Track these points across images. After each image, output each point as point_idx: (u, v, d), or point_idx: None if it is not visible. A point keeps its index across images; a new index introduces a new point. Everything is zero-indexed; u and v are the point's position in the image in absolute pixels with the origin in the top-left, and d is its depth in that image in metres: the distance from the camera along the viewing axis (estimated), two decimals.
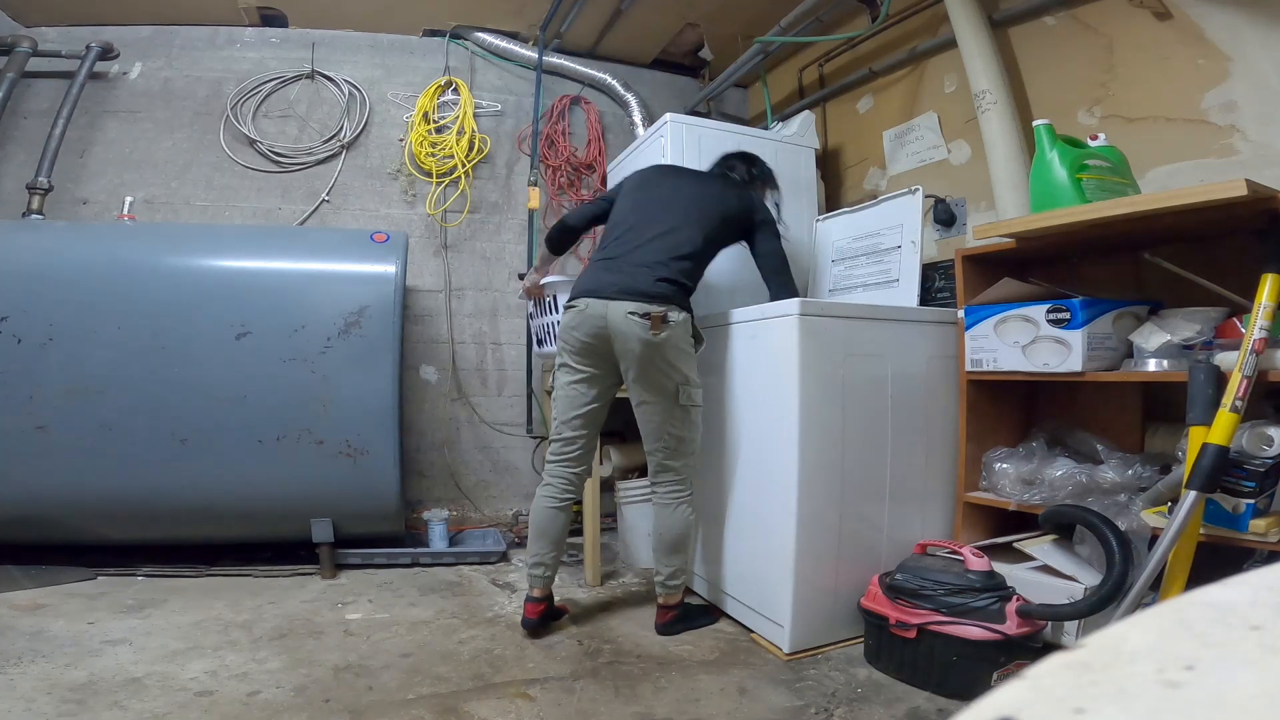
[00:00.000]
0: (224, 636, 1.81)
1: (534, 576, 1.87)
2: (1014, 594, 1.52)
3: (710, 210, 1.95)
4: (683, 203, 1.95)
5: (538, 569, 1.87)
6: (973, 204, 2.44)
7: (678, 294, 1.81)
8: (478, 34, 3.31)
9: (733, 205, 1.99)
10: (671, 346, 1.78)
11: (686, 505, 1.89)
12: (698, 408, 1.87)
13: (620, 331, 1.77)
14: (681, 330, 1.80)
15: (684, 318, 1.81)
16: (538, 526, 1.90)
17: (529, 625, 1.85)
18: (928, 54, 2.62)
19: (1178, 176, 1.81)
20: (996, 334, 1.78)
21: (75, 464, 2.18)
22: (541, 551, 1.88)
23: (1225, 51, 1.73)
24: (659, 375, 1.79)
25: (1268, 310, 1.30)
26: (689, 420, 1.85)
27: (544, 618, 1.88)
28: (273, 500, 2.31)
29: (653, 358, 1.77)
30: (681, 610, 1.91)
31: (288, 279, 2.37)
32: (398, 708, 1.45)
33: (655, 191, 2.00)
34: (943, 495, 1.94)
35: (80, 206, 2.86)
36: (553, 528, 1.89)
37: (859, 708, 1.47)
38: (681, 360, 1.81)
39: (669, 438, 1.84)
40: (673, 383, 1.81)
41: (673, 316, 1.77)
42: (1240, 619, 0.26)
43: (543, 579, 1.87)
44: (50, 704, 1.41)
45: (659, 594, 1.91)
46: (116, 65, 2.96)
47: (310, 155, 3.09)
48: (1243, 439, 1.35)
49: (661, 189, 2.01)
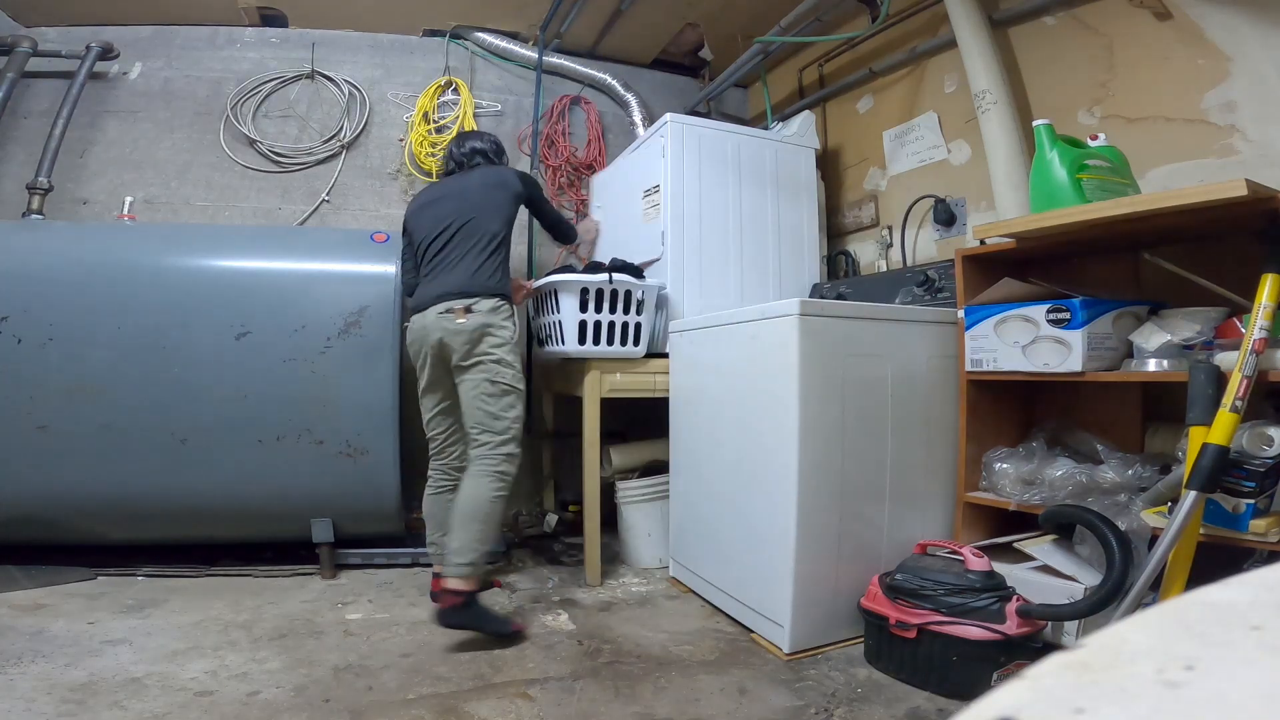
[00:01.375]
0: (224, 636, 1.81)
1: (432, 557, 2.12)
2: (1014, 594, 1.52)
3: (495, 196, 2.10)
4: (467, 201, 2.09)
5: (432, 548, 2.11)
6: (973, 204, 2.44)
7: (484, 284, 1.98)
8: (478, 34, 3.31)
9: (511, 181, 2.14)
10: (478, 330, 1.94)
11: (493, 480, 1.91)
12: (511, 389, 1.97)
13: (436, 331, 1.97)
14: (489, 315, 1.95)
15: (493, 304, 1.97)
16: (427, 513, 2.14)
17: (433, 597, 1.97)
18: (928, 54, 2.62)
19: (1178, 176, 1.81)
20: (996, 334, 1.78)
21: (75, 464, 2.18)
22: (431, 533, 2.11)
23: (1225, 51, 1.73)
24: (472, 358, 1.95)
25: (1268, 310, 1.30)
26: (501, 399, 1.95)
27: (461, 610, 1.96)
28: (273, 500, 2.31)
29: (464, 343, 1.94)
30: (471, 602, 1.80)
31: (288, 279, 2.37)
32: (398, 708, 1.45)
33: (438, 205, 2.12)
34: (943, 495, 1.94)
35: (80, 206, 2.86)
36: (437, 512, 2.10)
37: (859, 708, 1.47)
38: (490, 342, 1.95)
39: (482, 414, 1.95)
40: (484, 363, 1.95)
41: (478, 306, 1.95)
42: (1240, 619, 0.26)
43: (438, 557, 2.05)
44: (50, 704, 1.41)
45: (445, 571, 1.83)
46: (116, 65, 2.96)
47: (310, 155, 3.09)
48: (1243, 439, 1.35)
49: (443, 200, 2.13)
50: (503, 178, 2.15)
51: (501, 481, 1.94)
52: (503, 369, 1.96)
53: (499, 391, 1.95)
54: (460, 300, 1.95)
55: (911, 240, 2.68)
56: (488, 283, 1.99)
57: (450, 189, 2.15)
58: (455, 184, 2.16)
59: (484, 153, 2.24)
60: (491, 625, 1.82)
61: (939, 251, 2.56)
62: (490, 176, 2.15)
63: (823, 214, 2.88)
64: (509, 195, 2.12)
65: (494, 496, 1.91)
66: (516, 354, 2.01)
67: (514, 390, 1.98)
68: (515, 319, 2.05)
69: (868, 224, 2.90)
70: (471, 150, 2.23)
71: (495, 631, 1.81)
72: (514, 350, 2.00)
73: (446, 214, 2.07)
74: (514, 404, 1.98)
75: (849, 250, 2.99)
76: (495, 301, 1.98)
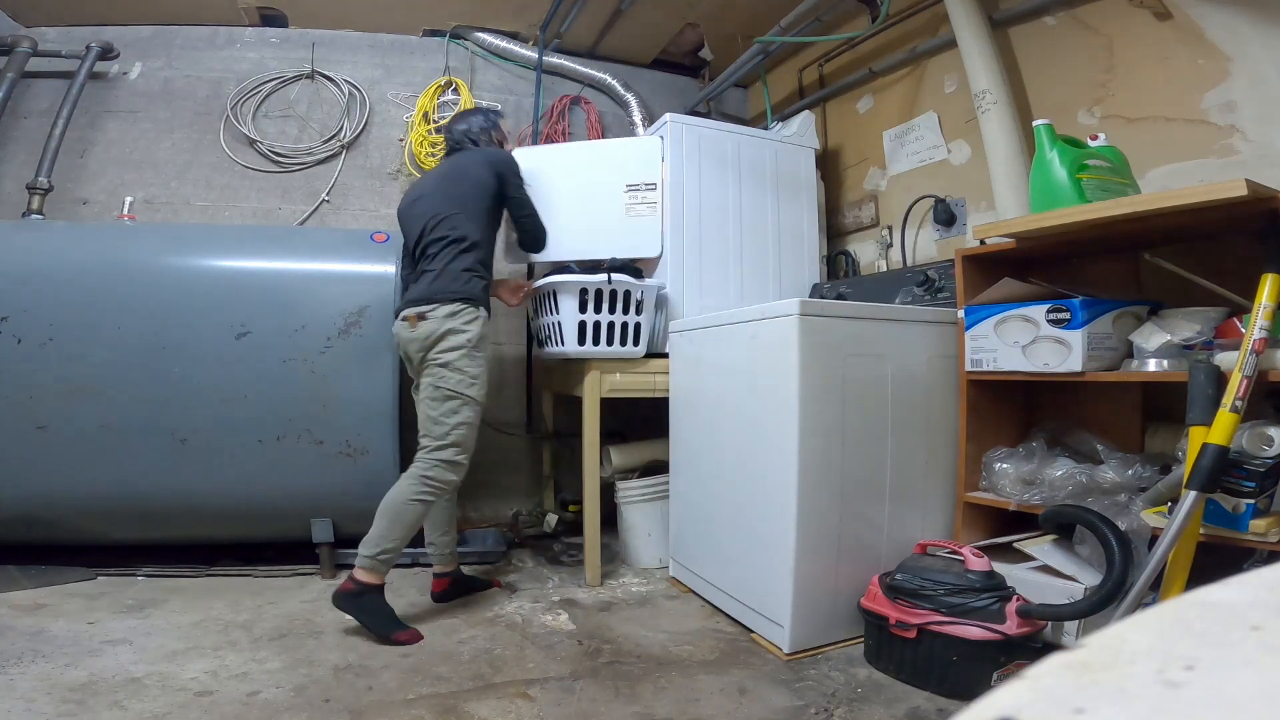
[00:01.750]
0: (224, 636, 1.81)
1: (431, 556, 2.15)
2: (1014, 594, 1.52)
3: (465, 190, 2.05)
4: (441, 197, 2.05)
5: (430, 548, 2.14)
6: (973, 204, 2.44)
7: (444, 289, 1.94)
8: (478, 34, 3.31)
9: (481, 172, 2.07)
10: (430, 336, 1.92)
11: (416, 482, 1.88)
12: (455, 395, 1.91)
13: (399, 340, 2.02)
14: (444, 321, 1.91)
15: (451, 309, 1.92)
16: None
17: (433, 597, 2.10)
18: (928, 54, 2.62)
19: (1178, 176, 1.81)
20: (996, 334, 1.78)
21: (75, 464, 2.18)
22: (429, 533, 2.13)
23: (1225, 51, 1.73)
24: (422, 364, 1.96)
25: (1268, 310, 1.30)
26: (442, 404, 1.91)
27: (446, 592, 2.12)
28: (273, 500, 2.31)
29: (417, 350, 1.95)
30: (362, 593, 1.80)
31: (288, 279, 2.37)
32: (398, 708, 1.45)
33: (420, 204, 2.10)
34: (943, 495, 1.94)
35: (80, 206, 2.86)
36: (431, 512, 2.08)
37: (859, 708, 1.47)
38: (441, 346, 1.91)
39: (424, 417, 1.95)
40: (431, 367, 1.93)
41: (433, 313, 1.92)
42: (1240, 619, 0.26)
43: (437, 557, 2.12)
44: (50, 704, 1.41)
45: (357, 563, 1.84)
46: (116, 65, 2.96)
47: (310, 155, 3.09)
48: (1243, 439, 1.35)
49: (423, 197, 2.10)
50: (473, 169, 2.09)
51: (426, 486, 1.89)
52: (448, 374, 1.91)
53: (441, 396, 1.91)
54: (416, 308, 1.94)
55: (911, 240, 2.68)
56: (450, 287, 1.95)
57: (429, 184, 2.14)
58: (434, 176, 2.16)
59: (469, 134, 2.19)
60: (374, 624, 1.80)
61: (939, 251, 2.56)
62: (464, 166, 2.10)
63: (823, 214, 2.88)
64: (479, 189, 2.06)
65: (410, 498, 1.88)
66: (473, 359, 1.94)
67: (458, 396, 1.91)
68: (480, 322, 1.97)
69: (868, 224, 2.90)
70: (460, 133, 2.21)
71: (376, 631, 1.79)
72: (469, 355, 1.93)
73: (424, 213, 2.05)
74: (456, 410, 1.91)
75: (849, 250, 2.99)
76: (454, 306, 1.93)
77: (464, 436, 1.93)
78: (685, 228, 2.51)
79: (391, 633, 1.79)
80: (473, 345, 1.94)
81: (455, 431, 1.92)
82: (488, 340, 2.02)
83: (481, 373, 1.97)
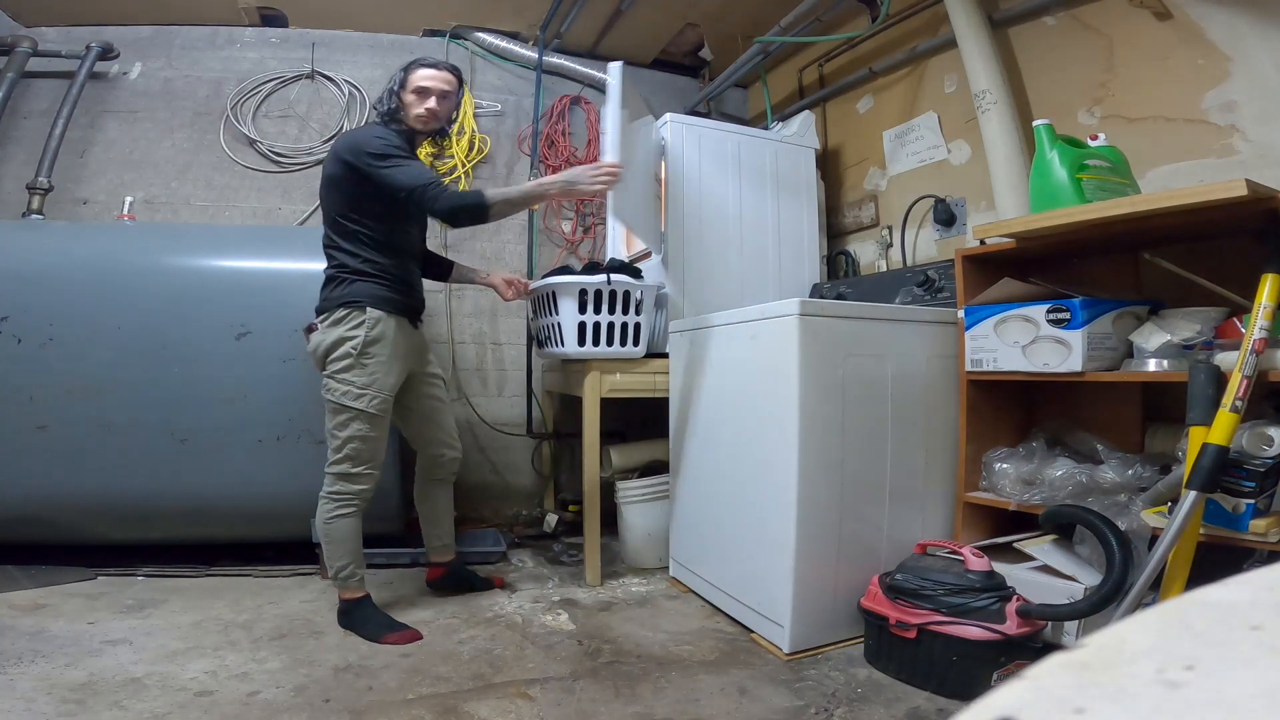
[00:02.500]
0: (224, 636, 1.81)
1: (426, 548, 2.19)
2: (1014, 594, 1.52)
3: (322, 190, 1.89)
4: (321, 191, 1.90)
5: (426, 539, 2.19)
6: (973, 204, 2.44)
7: (324, 298, 1.86)
8: (478, 34, 3.31)
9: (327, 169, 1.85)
10: (319, 348, 1.84)
11: (325, 501, 1.86)
12: (340, 408, 1.81)
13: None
14: (327, 331, 1.82)
15: (336, 316, 1.81)
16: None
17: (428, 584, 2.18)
18: (928, 54, 2.62)
19: (1178, 176, 1.81)
20: (996, 334, 1.78)
21: (75, 464, 2.18)
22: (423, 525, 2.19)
23: (1225, 51, 1.73)
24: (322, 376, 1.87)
25: (1268, 310, 1.30)
26: (332, 417, 1.84)
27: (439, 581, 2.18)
28: (273, 500, 2.31)
29: (316, 365, 1.88)
30: (347, 609, 1.87)
31: (288, 279, 2.37)
32: (398, 708, 1.45)
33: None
34: (943, 495, 1.94)
35: (80, 206, 2.86)
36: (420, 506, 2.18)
37: (859, 708, 1.47)
38: (325, 359, 1.83)
39: (326, 433, 1.87)
40: (322, 379, 1.85)
41: (321, 322, 1.85)
42: (1240, 619, 0.26)
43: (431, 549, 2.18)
44: (50, 704, 1.41)
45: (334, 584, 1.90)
46: (116, 65, 2.96)
47: (310, 155, 3.09)
48: (1243, 439, 1.35)
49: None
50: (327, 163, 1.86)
51: (333, 502, 1.84)
52: (333, 383, 1.81)
53: (329, 409, 1.84)
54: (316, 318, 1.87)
55: (911, 240, 2.68)
56: (328, 294, 1.85)
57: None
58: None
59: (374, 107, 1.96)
60: (365, 632, 1.82)
61: (939, 251, 2.56)
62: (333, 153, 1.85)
63: (823, 214, 2.88)
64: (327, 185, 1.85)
65: (326, 519, 1.85)
66: (362, 364, 1.80)
67: (344, 409, 1.80)
68: (367, 325, 1.80)
69: (868, 224, 2.90)
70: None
71: (367, 639, 1.81)
72: (355, 363, 1.80)
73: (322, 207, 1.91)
74: (345, 423, 1.81)
75: (849, 250, 2.99)
76: (339, 313, 1.81)
77: (358, 450, 1.83)
78: (685, 227, 2.51)
79: (380, 635, 1.80)
80: (359, 352, 1.79)
81: (348, 446, 1.82)
82: (385, 342, 1.83)
83: (374, 381, 1.81)
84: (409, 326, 1.96)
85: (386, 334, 1.84)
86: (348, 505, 1.86)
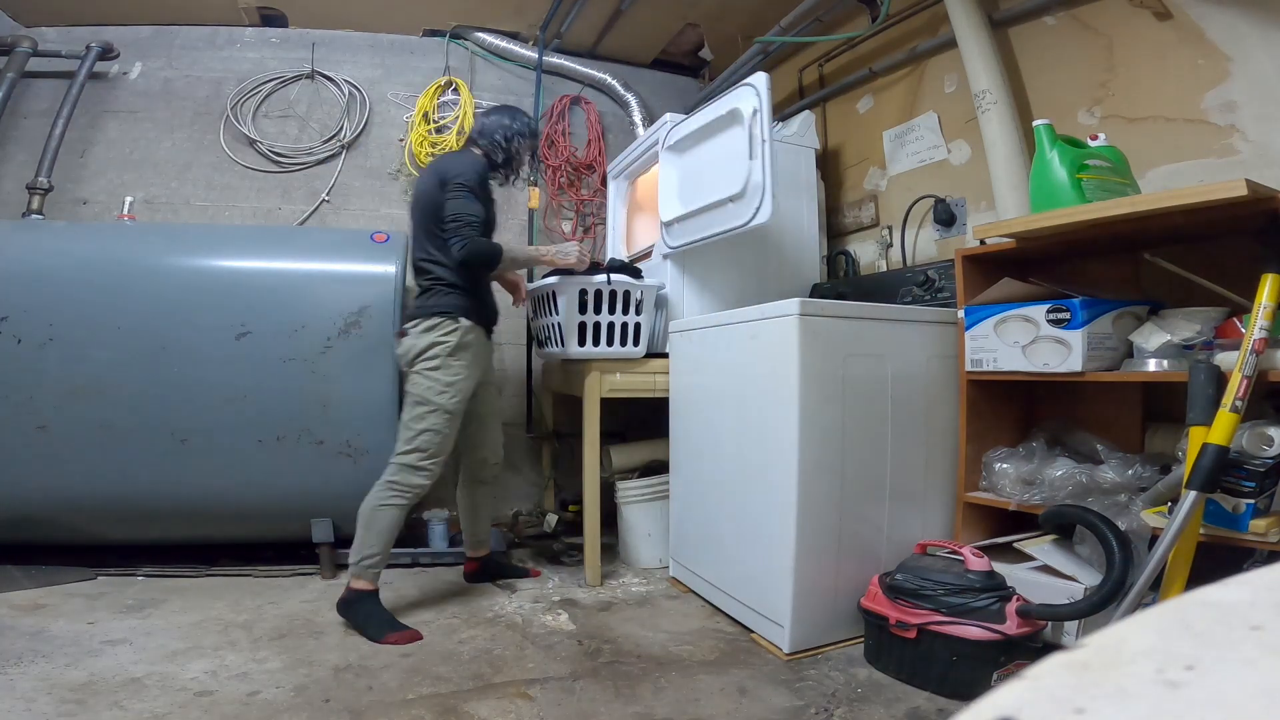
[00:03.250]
0: (224, 636, 1.81)
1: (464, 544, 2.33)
2: (1014, 594, 1.52)
3: (419, 205, 2.06)
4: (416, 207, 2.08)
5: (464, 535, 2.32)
6: (973, 204, 2.44)
7: (418, 306, 2.02)
8: (478, 34, 3.31)
9: (428, 185, 2.03)
10: (410, 349, 1.98)
11: (383, 488, 1.93)
12: (423, 402, 1.95)
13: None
14: (419, 337, 1.97)
15: (427, 324, 1.97)
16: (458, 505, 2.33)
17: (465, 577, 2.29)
18: (928, 54, 2.62)
19: (1178, 176, 1.81)
20: (996, 334, 1.78)
21: (75, 464, 2.18)
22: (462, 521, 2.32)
23: (1225, 51, 1.73)
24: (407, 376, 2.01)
25: (1268, 310, 1.30)
26: (411, 409, 1.97)
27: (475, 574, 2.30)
28: (273, 500, 2.31)
29: (406, 364, 2.01)
30: (351, 600, 1.87)
31: (288, 279, 2.37)
32: (398, 708, 1.45)
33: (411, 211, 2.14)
34: (943, 495, 1.94)
35: (80, 206, 2.86)
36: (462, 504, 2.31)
37: (859, 708, 1.47)
38: (417, 360, 1.96)
39: (400, 425, 2.00)
40: (409, 375, 1.99)
41: (413, 329, 1.99)
42: (1240, 619, 0.26)
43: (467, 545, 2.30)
44: (50, 704, 1.41)
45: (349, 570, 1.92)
46: (116, 65, 2.96)
47: (310, 155, 3.09)
48: (1243, 439, 1.35)
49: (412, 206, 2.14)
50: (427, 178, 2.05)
51: (392, 491, 1.92)
52: (419, 379, 1.96)
53: (411, 401, 1.97)
54: (405, 324, 2.04)
55: (911, 240, 2.68)
56: (423, 302, 2.01)
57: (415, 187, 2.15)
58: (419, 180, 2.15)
59: (474, 132, 2.17)
60: (366, 628, 1.84)
61: (939, 251, 2.56)
62: (426, 174, 2.09)
63: (823, 214, 2.87)
64: (428, 202, 2.01)
65: (378, 505, 1.92)
66: (449, 365, 1.95)
67: (426, 403, 1.94)
68: (459, 332, 1.97)
69: (868, 224, 2.90)
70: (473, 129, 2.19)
71: (367, 635, 1.82)
72: (443, 364, 1.95)
73: (414, 222, 2.10)
74: (423, 416, 1.94)
75: (849, 250, 2.99)
76: (431, 321, 1.97)
77: (429, 442, 1.94)
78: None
79: (382, 635, 1.81)
80: (448, 353, 1.96)
81: (420, 437, 1.94)
82: (470, 349, 2.00)
83: (456, 381, 1.96)
84: (484, 337, 2.11)
85: (472, 342, 2.01)
86: (401, 497, 1.94)
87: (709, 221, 2.25)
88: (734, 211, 2.14)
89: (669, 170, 2.50)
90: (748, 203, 2.08)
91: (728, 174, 2.16)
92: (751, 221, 2.06)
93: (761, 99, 2.06)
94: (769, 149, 2.02)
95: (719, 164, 2.23)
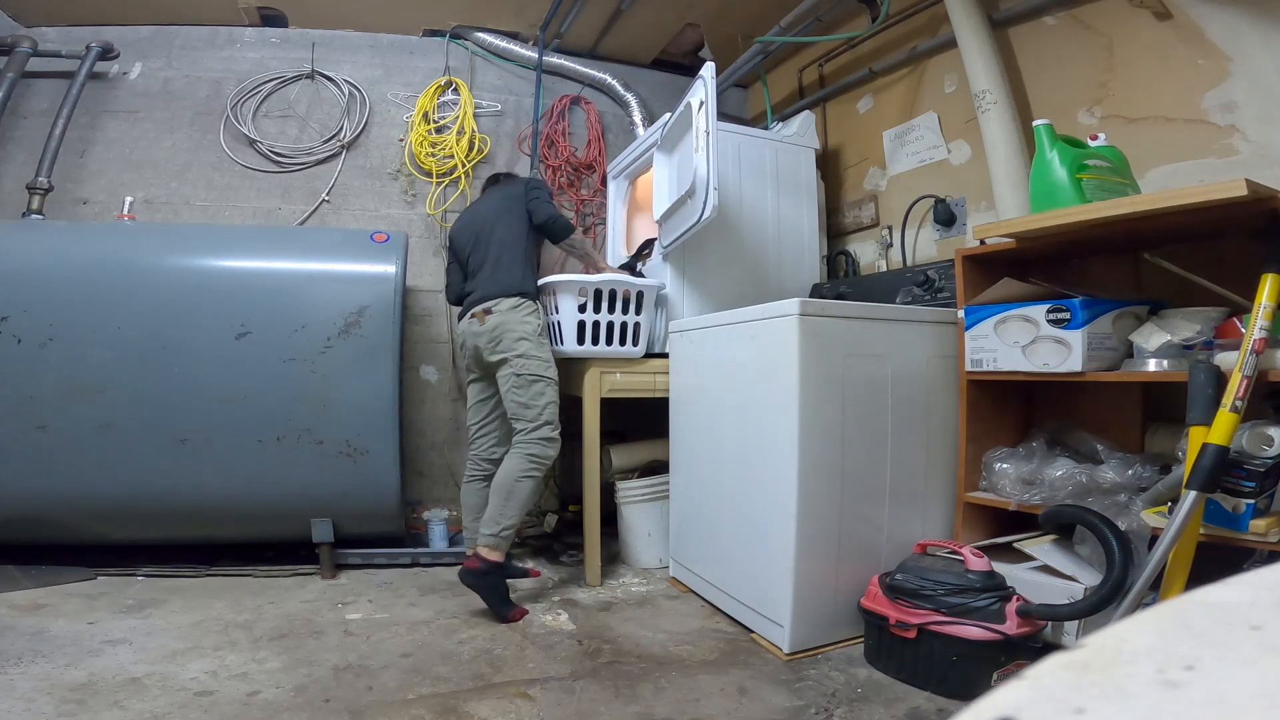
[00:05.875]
0: (224, 636, 1.81)
1: (466, 543, 2.30)
2: (1014, 594, 1.52)
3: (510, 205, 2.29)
4: (491, 214, 2.31)
5: (466, 532, 2.31)
6: (973, 204, 2.44)
7: (503, 286, 2.17)
8: (478, 34, 3.31)
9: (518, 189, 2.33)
10: (497, 329, 2.13)
11: (523, 460, 2.06)
12: (538, 379, 2.11)
13: (468, 335, 2.23)
14: (507, 314, 2.13)
15: (512, 302, 2.15)
16: (462, 502, 2.36)
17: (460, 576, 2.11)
18: (928, 54, 2.62)
19: (1178, 176, 1.81)
20: (996, 334, 1.78)
21: (75, 464, 2.18)
22: (464, 518, 2.32)
23: (1225, 51, 1.73)
24: (497, 355, 2.14)
25: (1268, 310, 1.30)
26: (529, 388, 2.10)
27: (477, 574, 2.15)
28: (273, 500, 2.31)
29: (488, 342, 2.15)
30: (487, 571, 1.97)
31: (288, 279, 2.37)
32: (398, 708, 1.45)
33: (473, 222, 2.34)
34: (943, 495, 1.94)
35: (80, 206, 2.86)
36: (469, 500, 2.31)
37: (859, 708, 1.47)
38: (511, 337, 2.12)
39: (514, 404, 2.12)
40: (509, 357, 2.12)
41: (497, 306, 2.14)
42: (1240, 619, 0.26)
43: (471, 541, 2.25)
44: (50, 704, 1.41)
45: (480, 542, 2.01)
46: (116, 65, 2.96)
47: (310, 155, 3.09)
48: (1243, 439, 1.35)
49: (476, 217, 2.36)
50: (515, 188, 2.35)
51: (530, 462, 2.06)
52: (526, 360, 2.11)
53: (525, 382, 2.10)
54: (482, 304, 2.17)
55: (911, 240, 2.68)
56: (507, 283, 2.17)
57: (479, 207, 2.42)
58: (482, 201, 2.44)
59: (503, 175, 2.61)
60: (493, 602, 1.96)
61: (939, 251, 2.56)
62: (507, 188, 2.38)
63: (823, 214, 2.88)
64: (520, 202, 2.29)
65: (520, 475, 2.05)
66: (542, 344, 2.16)
67: (541, 378, 2.11)
68: (539, 314, 2.20)
69: (868, 224, 2.90)
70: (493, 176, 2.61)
71: (494, 610, 1.95)
72: (539, 342, 2.15)
73: (477, 227, 2.30)
74: (543, 391, 2.11)
75: (849, 250, 2.99)
76: (515, 300, 2.15)
77: (555, 414, 2.13)
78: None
79: (507, 613, 1.95)
80: (538, 334, 2.16)
81: (547, 410, 2.10)
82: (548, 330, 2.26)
83: (550, 357, 2.18)
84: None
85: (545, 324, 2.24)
86: (539, 469, 2.08)
87: (679, 221, 2.30)
88: (691, 209, 2.17)
89: (660, 169, 2.52)
90: (698, 199, 2.10)
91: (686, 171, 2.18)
92: (701, 218, 2.08)
93: (708, 90, 2.06)
94: (712, 141, 2.02)
95: (686, 160, 2.25)
